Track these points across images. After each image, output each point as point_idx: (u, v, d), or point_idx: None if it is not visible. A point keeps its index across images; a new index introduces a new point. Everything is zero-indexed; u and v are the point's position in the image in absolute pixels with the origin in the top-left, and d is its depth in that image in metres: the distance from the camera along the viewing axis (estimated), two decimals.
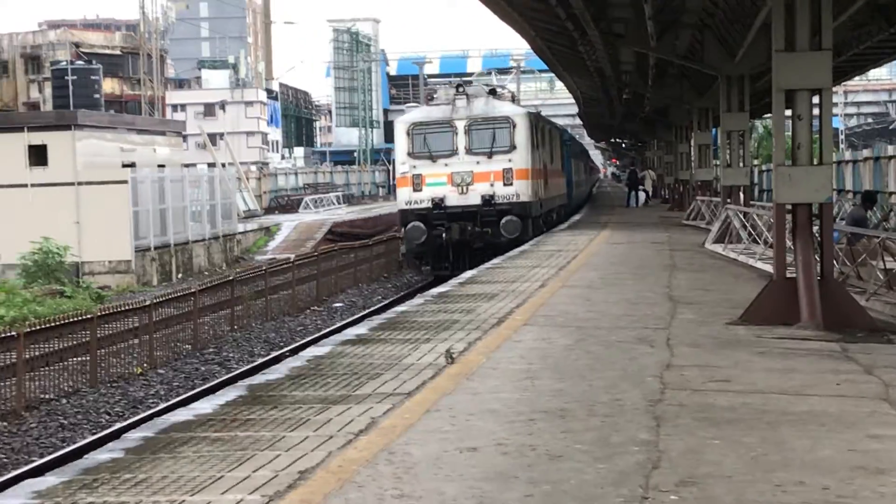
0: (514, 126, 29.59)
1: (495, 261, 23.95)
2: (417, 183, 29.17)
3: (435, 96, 32.68)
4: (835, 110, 25.40)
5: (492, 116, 29.79)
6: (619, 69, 36.50)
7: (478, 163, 29.17)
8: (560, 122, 61.91)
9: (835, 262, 14.62)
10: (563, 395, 9.17)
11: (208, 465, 7.10)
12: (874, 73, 78.70)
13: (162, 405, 17.07)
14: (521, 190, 29.34)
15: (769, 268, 16.44)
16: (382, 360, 11.12)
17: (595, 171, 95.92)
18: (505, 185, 29.10)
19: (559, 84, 68.20)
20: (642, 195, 57.16)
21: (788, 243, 13.96)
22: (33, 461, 14.22)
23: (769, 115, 24.73)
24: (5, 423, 16.44)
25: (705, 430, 7.83)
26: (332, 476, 6.74)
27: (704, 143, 38.19)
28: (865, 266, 17.05)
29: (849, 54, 27.25)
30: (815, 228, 13.51)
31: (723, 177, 31.60)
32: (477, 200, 28.95)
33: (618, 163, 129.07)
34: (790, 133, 13.55)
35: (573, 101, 65.26)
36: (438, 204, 28.83)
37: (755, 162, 51.27)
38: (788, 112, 13.61)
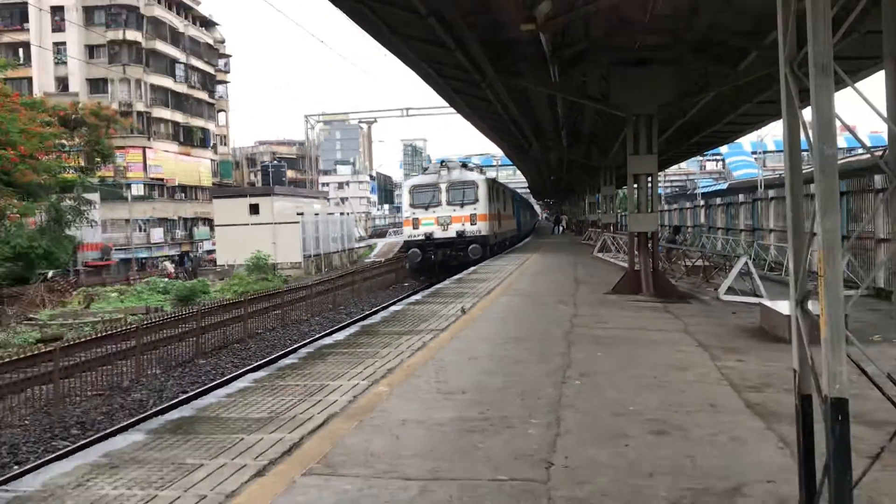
0: (478, 187, 25.79)
1: (487, 261, 23.64)
2: (416, 223, 25.52)
3: (428, 168, 29.27)
4: (659, 184, 25.23)
5: (463, 180, 25.85)
6: (549, 164, 36.41)
7: (454, 210, 25.39)
8: (520, 190, 61.13)
9: (660, 261, 14.56)
10: (521, 330, 9.17)
11: (341, 366, 7.15)
12: (682, 165, 77.92)
13: (317, 335, 17.12)
14: (482, 227, 25.55)
15: (625, 264, 16.37)
16: (428, 312, 11.12)
17: (536, 216, 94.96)
18: (471, 224, 25.35)
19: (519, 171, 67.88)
20: (561, 228, 56.93)
21: (636, 252, 13.88)
22: (252, 364, 14.30)
23: (626, 186, 24.68)
24: (238, 344, 16.54)
25: (594, 348, 7.83)
26: (403, 372, 6.78)
27: (592, 201, 37.94)
28: (676, 264, 17.01)
29: (668, 154, 27.05)
30: (650, 244, 13.45)
31: (603, 218, 31.48)
32: (453, 234, 25.20)
33: (549, 211, 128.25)
34: (637, 196, 13.51)
35: (525, 180, 64.99)
36: (429, 237, 25.23)
37: (619, 210, 50.94)
38: (636, 185, 13.58)
